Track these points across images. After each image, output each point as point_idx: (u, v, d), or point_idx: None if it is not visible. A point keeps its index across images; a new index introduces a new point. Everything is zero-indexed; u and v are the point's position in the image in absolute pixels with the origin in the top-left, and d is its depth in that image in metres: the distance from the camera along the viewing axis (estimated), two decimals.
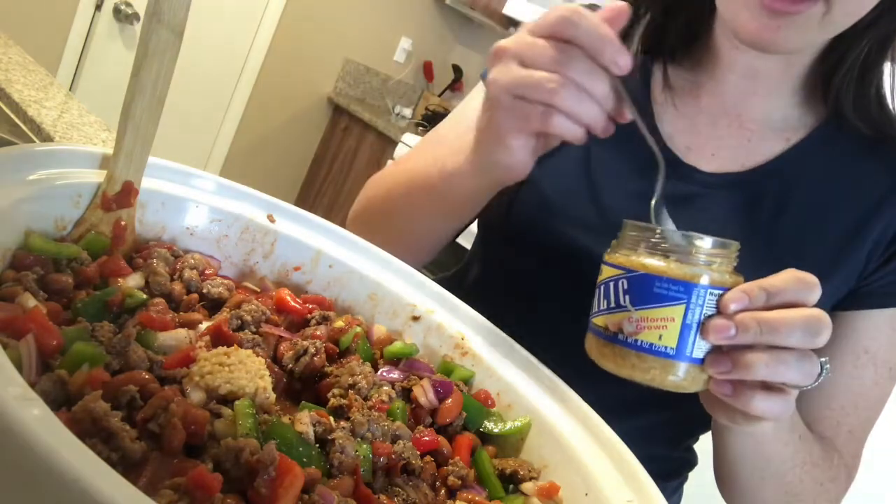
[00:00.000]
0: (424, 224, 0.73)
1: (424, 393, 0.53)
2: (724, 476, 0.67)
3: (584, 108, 0.49)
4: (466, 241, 0.84)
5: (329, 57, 3.63)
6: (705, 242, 0.46)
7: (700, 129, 0.72)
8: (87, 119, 1.25)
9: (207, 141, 3.49)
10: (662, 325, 0.45)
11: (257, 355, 0.48)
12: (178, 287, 0.54)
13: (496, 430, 0.54)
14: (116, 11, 2.91)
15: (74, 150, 0.52)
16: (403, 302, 0.63)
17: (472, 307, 0.63)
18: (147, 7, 0.49)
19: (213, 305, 0.56)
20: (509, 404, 0.56)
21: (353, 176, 3.54)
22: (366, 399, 0.50)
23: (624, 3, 0.50)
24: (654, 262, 0.45)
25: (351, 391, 0.50)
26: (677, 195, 0.65)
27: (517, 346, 0.60)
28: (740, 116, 0.72)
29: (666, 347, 0.45)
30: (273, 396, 0.44)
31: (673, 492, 0.82)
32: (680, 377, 0.45)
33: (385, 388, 0.52)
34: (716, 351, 0.45)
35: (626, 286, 0.46)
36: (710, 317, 0.45)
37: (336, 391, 0.50)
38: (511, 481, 0.51)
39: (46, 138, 1.10)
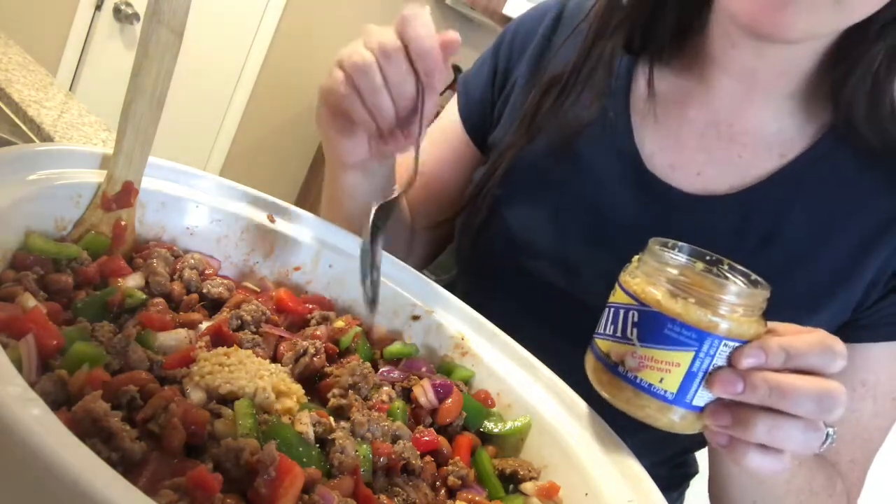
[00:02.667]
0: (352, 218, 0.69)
1: (424, 393, 0.53)
2: (715, 495, 0.65)
3: (379, 100, 0.51)
4: None
5: (329, 57, 3.58)
6: (732, 288, 0.42)
7: (685, 144, 0.66)
8: (87, 119, 1.25)
9: (207, 141, 3.49)
10: (666, 368, 0.43)
11: (257, 355, 0.48)
12: (178, 287, 0.54)
13: (496, 430, 0.54)
14: (116, 11, 2.91)
15: (74, 150, 0.52)
16: (403, 302, 0.63)
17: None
18: (147, 7, 0.49)
19: (213, 305, 0.56)
20: (509, 404, 0.56)
21: None
22: (366, 399, 0.50)
23: (456, 38, 0.52)
24: (670, 302, 0.42)
25: (351, 391, 0.50)
26: (655, 218, 0.63)
27: (517, 346, 0.60)
28: (732, 127, 0.65)
29: (666, 392, 0.43)
30: (273, 396, 0.44)
31: (676, 500, 0.82)
32: (675, 421, 0.44)
33: (385, 388, 0.52)
34: (718, 401, 0.43)
35: (635, 319, 0.44)
36: (719, 368, 0.42)
37: (336, 391, 0.50)
38: (511, 481, 0.51)
39: (46, 138, 1.10)
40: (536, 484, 0.50)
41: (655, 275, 0.44)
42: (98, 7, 2.86)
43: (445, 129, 0.80)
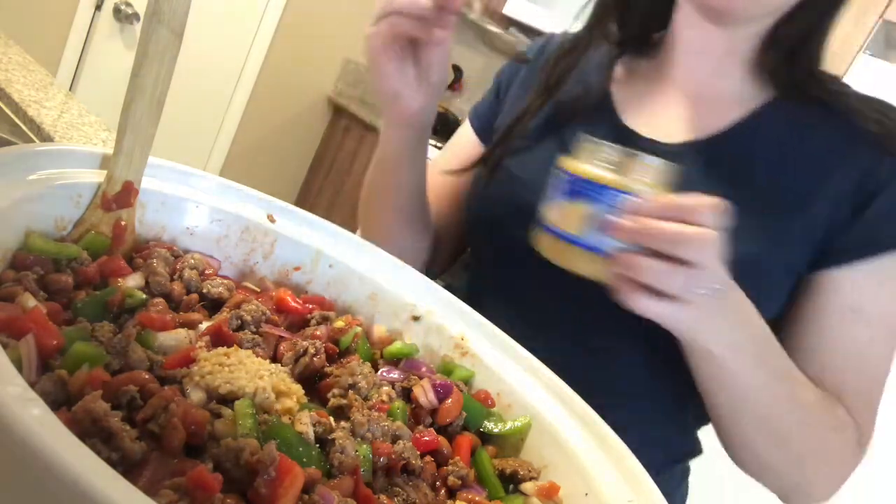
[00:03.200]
0: (392, 188, 0.81)
1: (424, 393, 0.53)
2: (715, 425, 0.69)
3: (414, 6, 0.62)
4: None
5: (329, 57, 3.63)
6: (636, 157, 0.54)
7: (657, 111, 0.76)
8: (87, 119, 1.25)
9: (207, 141, 3.49)
10: (579, 217, 0.54)
11: (257, 355, 0.48)
12: (178, 287, 0.54)
13: (496, 430, 0.54)
14: (116, 11, 2.91)
15: (74, 150, 0.52)
16: (403, 302, 0.63)
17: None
18: (147, 7, 0.49)
19: (213, 305, 0.56)
20: (509, 404, 0.56)
21: (353, 176, 3.54)
22: (366, 399, 0.50)
23: None
24: (587, 168, 0.55)
25: (351, 391, 0.50)
26: None
27: (517, 346, 0.60)
28: (697, 93, 0.75)
29: (579, 237, 0.54)
30: (273, 396, 0.44)
31: (679, 482, 0.83)
32: (587, 264, 0.55)
33: (385, 388, 0.52)
34: (619, 250, 0.52)
35: (563, 186, 0.56)
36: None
37: (336, 391, 0.50)
38: (511, 481, 0.51)
39: (46, 138, 1.10)
40: (536, 484, 0.50)
41: (583, 155, 0.56)
42: (98, 7, 2.86)
43: (460, 142, 0.91)
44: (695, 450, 0.83)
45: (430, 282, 0.65)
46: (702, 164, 0.70)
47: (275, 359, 0.52)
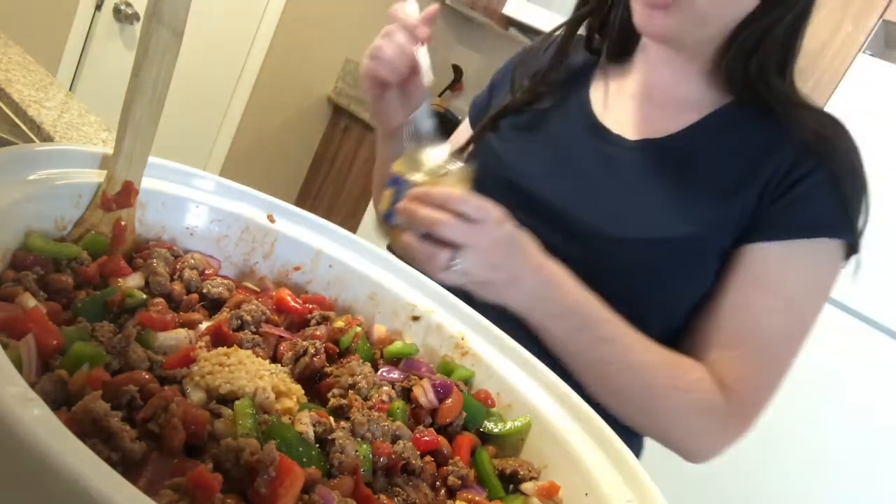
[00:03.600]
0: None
1: (424, 393, 0.53)
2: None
3: (388, 50, 0.79)
4: None
5: (329, 57, 3.63)
6: (424, 157, 0.70)
7: (628, 111, 0.85)
8: (87, 119, 1.25)
9: (207, 141, 3.49)
10: (387, 200, 0.67)
11: (257, 355, 0.48)
12: (178, 287, 0.54)
13: (496, 430, 0.54)
14: (116, 11, 2.91)
15: (74, 150, 0.52)
16: (403, 302, 0.63)
17: None
18: (147, 7, 0.49)
19: (213, 305, 0.56)
20: (509, 404, 0.56)
21: (353, 176, 3.54)
22: (366, 399, 0.50)
23: (434, 7, 0.78)
24: (399, 167, 0.68)
25: (351, 391, 0.50)
26: (608, 157, 0.82)
27: (517, 346, 0.60)
28: (661, 97, 0.84)
29: (384, 214, 0.68)
30: (273, 396, 0.44)
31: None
32: (392, 237, 0.67)
33: (385, 388, 0.52)
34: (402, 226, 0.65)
35: (387, 181, 0.70)
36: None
37: (336, 391, 0.50)
38: (511, 481, 0.51)
39: (46, 138, 1.10)
40: (537, 484, 0.50)
41: (404, 161, 0.70)
42: (98, 7, 2.86)
43: (458, 131, 1.03)
44: None
45: (430, 282, 0.65)
46: (657, 158, 0.80)
47: (275, 359, 0.52)
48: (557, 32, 0.94)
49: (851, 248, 0.75)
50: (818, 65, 2.03)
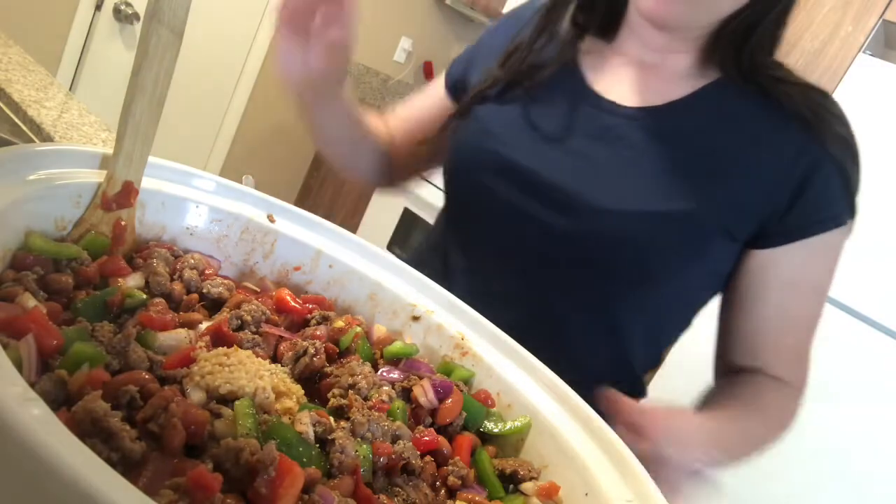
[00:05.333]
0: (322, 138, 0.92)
1: (424, 393, 0.53)
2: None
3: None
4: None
5: None
6: None
7: (621, 79, 0.83)
8: (87, 119, 1.25)
9: (207, 141, 3.49)
10: None
11: (257, 355, 0.48)
12: (178, 287, 0.53)
13: (496, 430, 0.54)
14: (116, 11, 2.91)
15: (74, 150, 0.52)
16: (403, 302, 0.63)
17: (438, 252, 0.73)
18: (147, 7, 0.49)
19: (213, 305, 0.55)
20: (509, 404, 0.56)
21: None
22: (366, 399, 0.50)
23: None
24: None
25: (351, 391, 0.50)
26: (602, 126, 0.80)
27: (517, 346, 0.60)
28: (650, 67, 0.83)
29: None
30: (273, 396, 0.44)
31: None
32: None
33: (385, 388, 0.52)
34: None
35: None
36: None
37: (336, 391, 0.50)
38: (511, 481, 0.51)
39: (46, 138, 1.10)
40: (537, 484, 0.50)
41: None
42: (98, 7, 2.86)
43: (428, 89, 1.01)
44: (641, 396, 0.90)
45: (430, 282, 0.65)
46: (651, 127, 0.79)
47: (275, 359, 0.52)
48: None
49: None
50: (818, 65, 2.03)
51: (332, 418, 0.46)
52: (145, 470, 0.33)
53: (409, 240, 3.09)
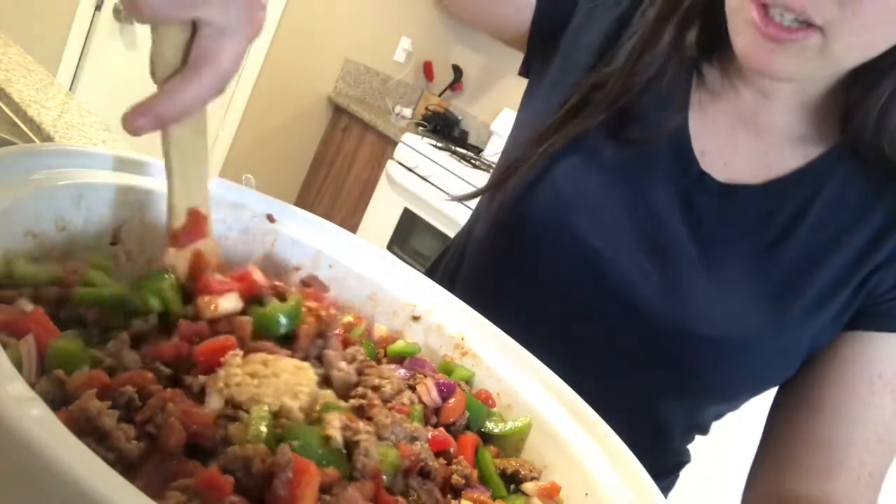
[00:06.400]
0: None
1: (428, 392, 0.53)
2: None
3: None
4: (451, 230, 0.86)
5: (329, 57, 3.63)
6: None
7: (719, 135, 0.70)
8: (87, 119, 1.25)
9: (208, 141, 3.49)
10: None
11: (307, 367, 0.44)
12: None
13: (497, 431, 0.54)
14: (116, 11, 2.91)
15: (74, 150, 0.52)
16: (403, 302, 0.63)
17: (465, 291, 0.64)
18: None
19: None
20: (509, 404, 0.56)
21: (352, 176, 3.54)
22: (386, 402, 0.49)
23: None
24: None
25: (370, 391, 0.49)
26: (692, 202, 0.68)
27: (518, 347, 0.60)
28: (758, 126, 0.69)
29: None
30: (301, 417, 0.40)
31: (665, 490, 0.83)
32: None
33: (406, 391, 0.51)
34: None
35: None
36: None
37: (360, 390, 0.48)
38: (512, 481, 0.51)
39: (46, 138, 1.10)
40: (537, 484, 0.50)
41: None
42: (98, 7, 2.86)
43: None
44: (684, 460, 0.82)
45: (430, 282, 0.65)
46: (754, 209, 0.67)
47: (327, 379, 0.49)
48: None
49: None
50: None
51: (360, 422, 0.43)
52: (142, 471, 0.33)
53: (409, 240, 3.09)
